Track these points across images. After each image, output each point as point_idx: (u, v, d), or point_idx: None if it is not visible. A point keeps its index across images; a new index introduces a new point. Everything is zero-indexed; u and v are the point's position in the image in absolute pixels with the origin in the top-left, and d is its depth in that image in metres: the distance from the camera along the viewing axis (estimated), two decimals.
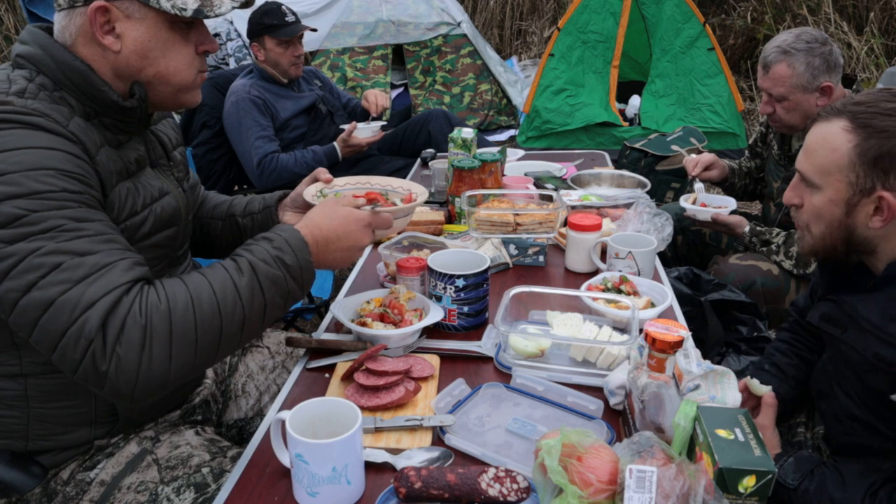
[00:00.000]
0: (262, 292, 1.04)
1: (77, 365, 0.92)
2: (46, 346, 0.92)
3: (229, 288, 1.02)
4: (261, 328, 1.08)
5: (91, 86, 1.06)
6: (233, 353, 1.07)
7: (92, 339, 0.91)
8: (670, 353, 0.97)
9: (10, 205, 0.91)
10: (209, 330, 0.99)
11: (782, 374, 1.41)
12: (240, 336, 1.04)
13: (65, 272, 0.92)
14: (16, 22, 6.83)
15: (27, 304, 0.91)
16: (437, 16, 5.43)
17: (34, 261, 0.91)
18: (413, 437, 1.10)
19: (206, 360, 1.02)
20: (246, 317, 1.03)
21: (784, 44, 1.98)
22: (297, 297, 1.10)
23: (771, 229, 2.13)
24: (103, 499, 1.13)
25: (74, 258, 0.93)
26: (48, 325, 0.91)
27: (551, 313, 1.39)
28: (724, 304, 1.95)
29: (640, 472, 0.80)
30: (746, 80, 6.20)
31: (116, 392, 0.94)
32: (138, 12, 1.06)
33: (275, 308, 1.07)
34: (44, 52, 1.06)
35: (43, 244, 0.92)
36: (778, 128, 2.16)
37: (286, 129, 2.98)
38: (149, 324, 0.94)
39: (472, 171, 1.94)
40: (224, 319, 1.00)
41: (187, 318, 0.97)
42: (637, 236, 1.70)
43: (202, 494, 1.12)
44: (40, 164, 0.95)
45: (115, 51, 1.07)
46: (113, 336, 0.92)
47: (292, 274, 1.08)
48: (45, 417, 1.11)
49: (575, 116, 4.91)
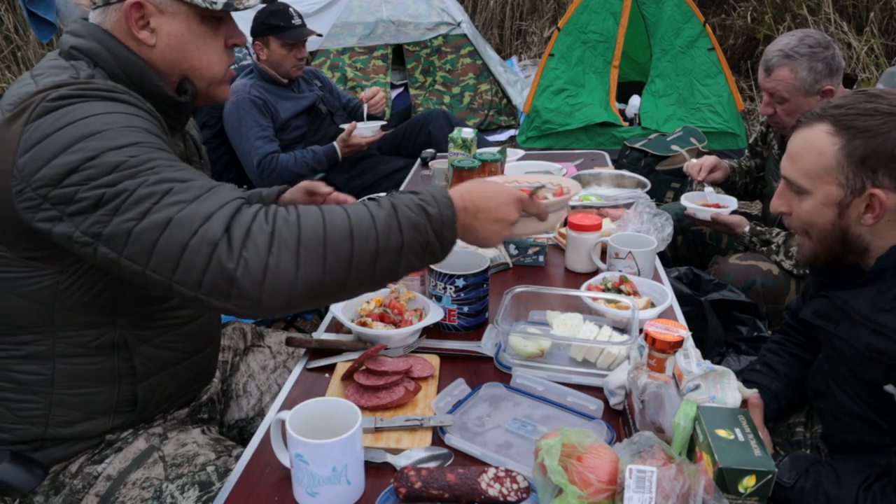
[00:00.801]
0: (399, 231, 0.98)
1: (202, 274, 0.89)
2: (167, 267, 0.90)
3: (365, 216, 0.97)
4: (395, 271, 1.00)
5: (148, 80, 1.11)
6: (368, 289, 1.01)
7: (216, 243, 0.89)
8: (670, 353, 0.97)
9: (108, 155, 0.93)
10: (339, 249, 0.94)
11: (773, 372, 1.42)
12: (373, 268, 0.97)
13: (176, 195, 0.92)
14: (16, 22, 6.82)
15: (143, 229, 0.90)
16: (437, 16, 5.43)
17: (143, 191, 0.91)
18: (413, 437, 1.10)
19: (335, 284, 0.95)
20: (380, 248, 0.96)
21: (787, 47, 1.98)
22: (435, 255, 1.03)
23: (771, 229, 2.13)
24: (109, 493, 1.13)
25: (181, 184, 0.93)
26: (168, 242, 0.90)
27: (551, 313, 1.39)
28: (724, 304, 1.95)
29: (640, 472, 0.80)
30: (746, 80, 6.20)
31: (243, 293, 0.90)
32: (171, 6, 1.09)
33: (411, 254, 0.99)
34: (101, 45, 1.08)
35: (147, 177, 0.92)
36: (778, 129, 2.17)
37: (286, 130, 2.98)
38: (276, 231, 0.92)
39: (472, 171, 1.94)
40: (356, 243, 0.95)
41: (317, 232, 0.93)
42: (637, 236, 1.70)
43: (206, 493, 1.12)
44: (130, 124, 0.99)
45: (150, 45, 1.11)
46: (239, 239, 0.90)
47: (433, 225, 1.00)
48: (67, 403, 1.13)
49: (575, 116, 4.91)
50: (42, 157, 0.93)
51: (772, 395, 1.37)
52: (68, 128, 0.94)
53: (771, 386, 1.39)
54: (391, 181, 3.06)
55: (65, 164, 0.92)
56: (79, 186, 0.92)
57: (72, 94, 0.98)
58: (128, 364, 1.16)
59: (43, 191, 0.93)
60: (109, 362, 1.14)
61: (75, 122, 0.95)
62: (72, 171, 0.92)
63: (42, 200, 0.94)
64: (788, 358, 1.44)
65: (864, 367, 1.12)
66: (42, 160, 0.93)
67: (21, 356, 1.10)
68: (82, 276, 1.07)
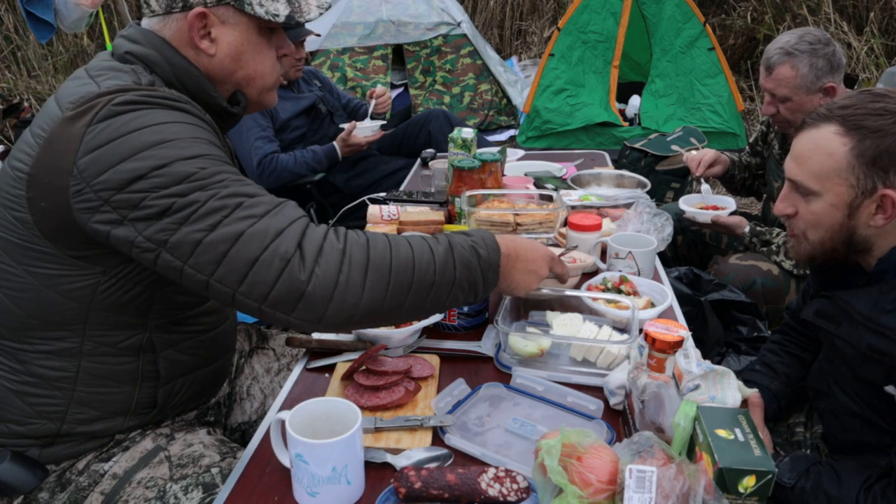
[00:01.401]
0: (454, 268, 1.04)
1: (272, 285, 0.92)
2: (234, 279, 0.93)
3: (426, 250, 1.03)
4: (443, 305, 1.06)
5: (203, 91, 1.13)
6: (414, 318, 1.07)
7: (289, 259, 0.92)
8: (670, 353, 0.97)
9: (179, 165, 0.95)
10: (402, 277, 0.99)
11: (773, 372, 1.42)
12: (426, 299, 1.02)
13: (246, 209, 0.95)
14: (16, 22, 6.83)
15: (213, 241, 0.92)
16: (437, 16, 5.43)
17: (214, 203, 0.93)
18: (413, 437, 1.10)
19: (392, 309, 1.00)
20: (436, 281, 1.02)
21: (787, 45, 1.98)
22: (477, 294, 1.09)
23: (771, 229, 2.13)
24: (114, 492, 1.13)
25: (251, 198, 0.96)
26: (238, 255, 0.92)
27: (551, 313, 1.39)
28: (724, 304, 1.95)
29: (640, 472, 0.80)
30: (746, 80, 6.20)
31: (311, 307, 0.94)
32: (233, 18, 1.12)
33: (459, 290, 1.06)
34: (158, 53, 1.10)
35: (218, 190, 0.95)
36: (781, 128, 2.16)
37: (286, 130, 2.98)
38: (347, 251, 0.96)
39: (472, 171, 1.94)
40: (417, 274, 1.00)
41: (385, 258, 0.98)
42: (637, 236, 1.70)
43: (210, 494, 1.12)
44: (197, 135, 1.01)
45: (210, 54, 1.13)
46: (311, 255, 0.94)
47: (482, 266, 1.08)
48: (87, 401, 1.14)
49: (575, 116, 4.91)
50: (106, 160, 0.94)
51: (771, 394, 1.37)
52: (135, 133, 0.96)
53: (771, 386, 1.39)
54: (391, 181, 3.06)
55: (133, 171, 0.93)
56: (147, 193, 0.93)
57: (138, 99, 0.99)
58: (152, 367, 1.17)
59: (105, 194, 0.94)
60: (134, 364, 1.16)
61: (143, 128, 0.96)
62: (139, 177, 0.93)
63: (102, 203, 0.95)
64: (788, 358, 1.44)
65: (865, 368, 1.12)
66: (106, 164, 0.94)
67: (48, 351, 1.11)
68: (123, 277, 1.08)
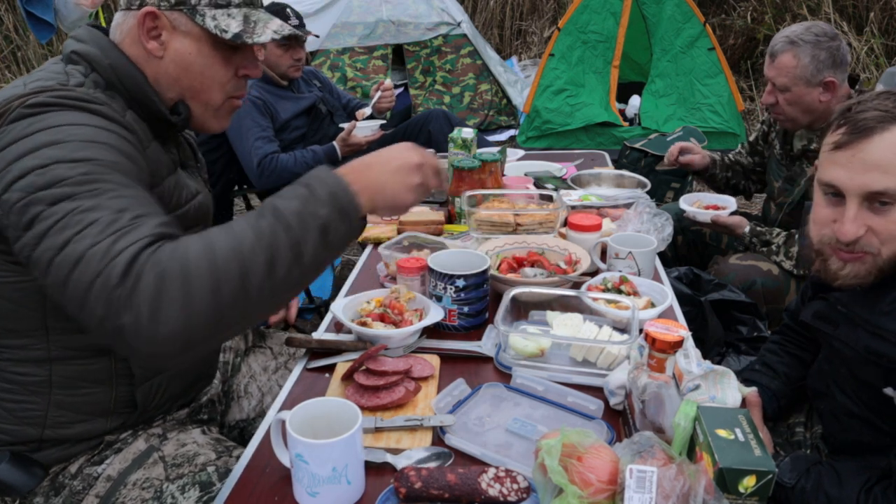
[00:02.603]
0: (287, 227, 0.91)
1: (100, 321, 0.84)
2: (75, 304, 0.86)
3: (248, 229, 0.91)
4: (300, 272, 0.93)
5: (143, 93, 1.12)
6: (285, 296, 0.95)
7: (113, 287, 0.83)
8: (670, 353, 0.97)
9: (57, 167, 0.92)
10: (229, 270, 0.87)
11: (772, 372, 1.42)
12: (277, 272, 0.90)
13: (97, 226, 0.88)
14: (16, 22, 6.83)
15: (59, 263, 0.87)
16: (437, 16, 5.43)
17: (72, 218, 0.89)
18: (413, 437, 1.10)
19: (237, 309, 0.88)
20: (275, 253, 0.89)
21: (793, 34, 1.98)
22: (336, 225, 0.94)
23: (771, 229, 2.13)
24: (109, 494, 1.13)
25: (113, 213, 0.89)
26: (79, 278, 0.85)
27: (551, 313, 1.39)
28: (724, 304, 1.95)
29: (640, 472, 0.80)
30: (746, 80, 6.20)
31: (135, 339, 0.84)
32: (185, 25, 1.12)
33: (311, 243, 0.92)
34: (101, 52, 1.10)
35: (82, 202, 0.89)
36: (780, 121, 2.16)
37: (286, 130, 2.98)
38: (164, 270, 0.85)
39: (472, 171, 1.94)
40: (246, 260, 0.88)
41: (200, 260, 0.87)
42: (637, 236, 1.70)
43: (207, 493, 1.12)
44: (95, 139, 0.97)
45: (158, 56, 1.13)
46: (130, 283, 0.84)
47: (320, 195, 0.94)
48: (65, 405, 1.13)
49: (575, 116, 4.91)
50: (4, 161, 0.94)
51: (771, 394, 1.37)
52: (34, 135, 0.95)
53: (770, 385, 1.39)
54: None
55: (21, 169, 0.92)
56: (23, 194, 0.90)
57: (49, 101, 0.98)
58: (124, 366, 1.16)
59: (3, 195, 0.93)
60: (106, 364, 1.14)
61: (42, 130, 0.95)
62: (20, 176, 0.92)
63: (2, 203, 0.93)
64: (788, 358, 1.44)
65: (864, 370, 1.12)
66: (2, 164, 0.93)
67: (18, 359, 1.10)
68: None
